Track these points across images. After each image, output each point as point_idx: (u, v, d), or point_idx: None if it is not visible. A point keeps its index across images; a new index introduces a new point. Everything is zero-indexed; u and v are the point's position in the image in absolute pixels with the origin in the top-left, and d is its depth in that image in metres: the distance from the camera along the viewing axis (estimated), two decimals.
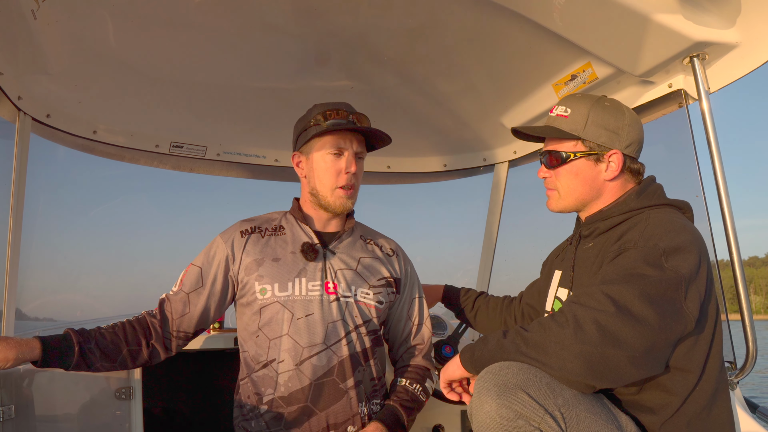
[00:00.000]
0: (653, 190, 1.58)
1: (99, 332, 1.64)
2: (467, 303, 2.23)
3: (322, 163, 1.78)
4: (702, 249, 1.41)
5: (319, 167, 1.79)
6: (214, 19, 1.93)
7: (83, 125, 2.43)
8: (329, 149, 1.77)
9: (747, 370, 1.72)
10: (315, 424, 1.67)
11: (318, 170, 1.79)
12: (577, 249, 1.66)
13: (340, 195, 1.78)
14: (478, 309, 2.20)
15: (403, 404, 1.78)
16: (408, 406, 1.78)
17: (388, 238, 2.01)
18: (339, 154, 1.77)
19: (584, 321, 1.29)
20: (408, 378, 1.85)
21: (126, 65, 2.16)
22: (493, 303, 2.18)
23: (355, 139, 1.80)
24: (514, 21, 1.88)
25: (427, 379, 1.88)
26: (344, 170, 1.77)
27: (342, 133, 1.78)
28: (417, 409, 1.81)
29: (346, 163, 1.77)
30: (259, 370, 1.72)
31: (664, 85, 1.99)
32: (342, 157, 1.77)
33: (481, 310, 2.19)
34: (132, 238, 3.95)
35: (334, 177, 1.77)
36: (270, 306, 1.73)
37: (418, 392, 1.82)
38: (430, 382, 1.89)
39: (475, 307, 2.20)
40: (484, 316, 2.18)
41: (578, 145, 1.60)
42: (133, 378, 1.99)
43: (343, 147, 1.77)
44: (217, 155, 2.78)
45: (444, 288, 2.30)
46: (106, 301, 3.06)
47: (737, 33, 1.73)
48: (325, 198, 1.79)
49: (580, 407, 1.28)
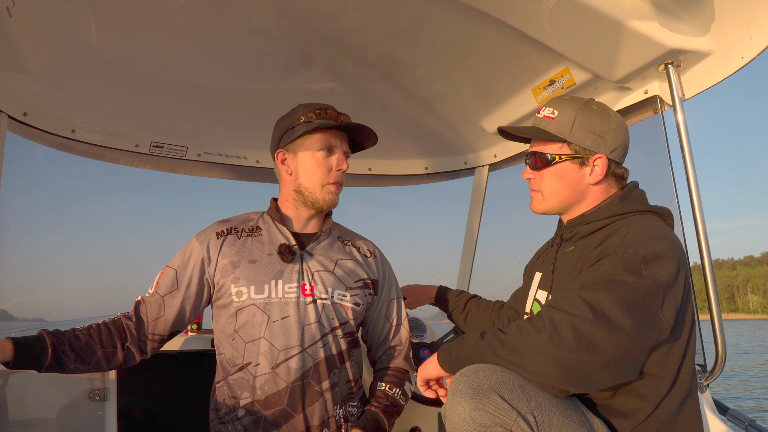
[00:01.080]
0: (636, 196, 1.59)
1: (73, 334, 1.62)
2: (459, 305, 2.24)
3: (312, 161, 1.78)
4: (681, 257, 1.43)
5: (308, 164, 1.79)
6: (198, 19, 1.92)
7: (61, 124, 2.40)
8: (320, 146, 1.78)
9: (716, 373, 1.75)
10: (293, 427, 1.67)
11: (308, 167, 1.79)
12: (557, 252, 1.67)
13: (331, 191, 1.80)
14: (468, 311, 2.21)
15: (384, 409, 1.78)
16: (389, 411, 1.78)
17: (366, 239, 2.00)
18: (330, 152, 1.79)
19: (561, 326, 1.29)
20: (388, 382, 1.85)
21: (106, 63, 2.14)
22: (484, 306, 2.19)
23: (342, 139, 1.83)
24: (494, 26, 1.90)
25: (405, 381, 1.89)
26: (335, 167, 1.79)
27: (333, 132, 1.80)
28: (397, 413, 1.82)
29: (338, 161, 1.79)
30: (235, 373, 1.71)
31: (640, 91, 2.02)
32: (333, 154, 1.79)
33: (472, 312, 2.20)
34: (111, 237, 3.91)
35: (324, 174, 1.78)
36: (246, 308, 1.72)
37: (398, 396, 1.83)
38: (409, 384, 1.90)
39: (466, 309, 2.22)
40: (474, 318, 2.19)
41: (564, 148, 1.61)
42: (107, 379, 1.97)
43: (334, 145, 1.80)
44: (198, 156, 2.76)
45: (438, 289, 2.32)
46: (84, 301, 3.02)
47: (710, 41, 1.76)
48: (314, 194, 1.79)
49: (553, 410, 1.28)
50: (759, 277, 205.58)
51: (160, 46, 2.09)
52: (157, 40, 2.05)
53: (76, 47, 2.04)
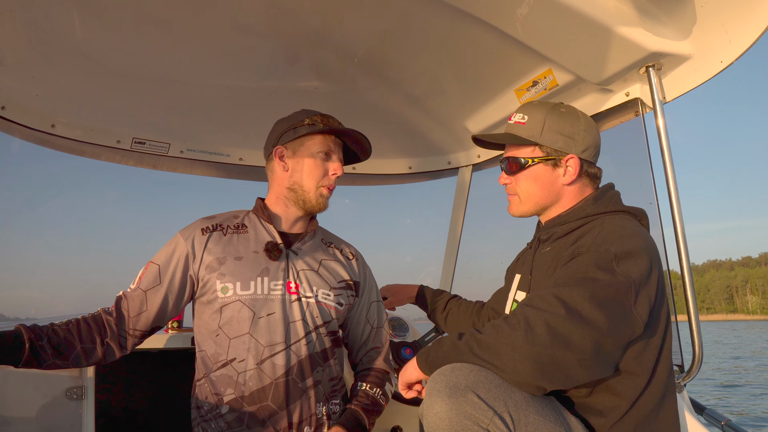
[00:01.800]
0: (610, 197, 1.62)
1: (52, 329, 1.60)
2: (439, 304, 2.26)
3: (311, 160, 1.82)
4: (654, 255, 1.45)
5: (308, 164, 1.82)
6: (183, 15, 1.91)
7: (41, 118, 2.38)
8: (320, 149, 1.82)
9: (693, 372, 1.77)
10: (276, 423, 1.68)
11: (307, 166, 1.82)
12: (535, 253, 1.69)
13: (324, 194, 1.84)
14: (449, 311, 2.22)
15: (365, 408, 1.80)
16: (369, 409, 1.81)
17: (348, 243, 2.04)
18: (328, 156, 1.84)
19: (535, 323, 1.31)
20: (369, 382, 1.87)
21: (88, 58, 2.12)
22: (465, 306, 2.21)
23: (339, 147, 1.88)
24: (479, 27, 1.90)
25: (386, 382, 1.91)
26: (331, 171, 1.83)
27: (333, 139, 1.86)
28: (377, 412, 1.84)
29: (334, 166, 1.84)
30: (218, 370, 1.71)
31: (622, 93, 2.03)
32: (331, 159, 1.84)
33: (452, 312, 2.22)
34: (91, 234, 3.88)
35: (321, 176, 1.83)
36: (231, 305, 1.72)
37: (379, 396, 1.85)
38: (390, 385, 1.92)
39: (446, 309, 2.23)
40: (454, 318, 2.21)
41: (536, 151, 1.64)
42: (85, 377, 1.95)
43: (333, 151, 1.84)
44: (181, 152, 2.74)
45: (419, 288, 2.33)
46: (63, 298, 3.00)
47: (690, 45, 1.78)
48: (308, 193, 1.82)
49: (530, 409, 1.29)
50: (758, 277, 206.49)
51: (144, 42, 2.07)
52: (140, 36, 2.03)
53: (58, 41, 2.01)
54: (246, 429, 1.66)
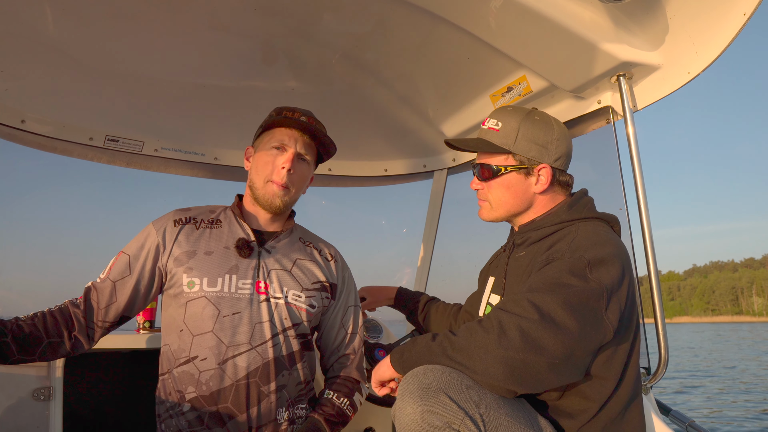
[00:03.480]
0: (584, 204, 1.64)
1: (16, 324, 1.56)
2: (417, 306, 2.26)
3: (263, 156, 1.78)
4: (626, 262, 1.47)
5: (260, 160, 1.78)
6: (160, 12, 1.89)
7: (10, 114, 2.33)
8: (273, 143, 1.77)
9: (659, 375, 1.82)
10: (236, 425, 1.64)
11: (259, 163, 1.79)
12: (510, 257, 1.71)
13: (271, 189, 1.76)
14: (427, 313, 2.23)
15: (328, 419, 1.73)
16: (332, 420, 1.74)
17: (328, 243, 1.99)
18: (282, 150, 1.77)
19: (508, 327, 1.32)
20: (336, 391, 1.81)
21: (60, 53, 2.08)
22: (442, 308, 2.22)
23: (302, 139, 1.79)
24: (455, 32, 1.92)
25: (355, 392, 1.85)
26: (279, 165, 1.75)
27: (291, 132, 1.78)
28: (342, 423, 1.77)
29: (283, 159, 1.75)
30: (180, 366, 1.67)
31: (594, 101, 2.08)
32: (284, 153, 1.76)
33: (430, 314, 2.23)
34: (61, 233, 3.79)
35: (269, 169, 1.76)
36: (196, 300, 1.68)
37: (345, 406, 1.78)
38: (359, 395, 1.86)
39: (424, 310, 2.24)
40: (432, 320, 2.22)
41: (509, 159, 1.65)
42: (53, 377, 1.91)
43: (287, 144, 1.76)
44: (155, 151, 2.71)
45: (397, 290, 2.33)
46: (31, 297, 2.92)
47: (659, 56, 1.83)
48: (258, 190, 1.78)
49: (500, 411, 1.31)
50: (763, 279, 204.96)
51: (119, 38, 2.04)
52: (116, 32, 2.01)
53: (29, 35, 1.97)
54: (206, 429, 1.62)
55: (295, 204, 1.90)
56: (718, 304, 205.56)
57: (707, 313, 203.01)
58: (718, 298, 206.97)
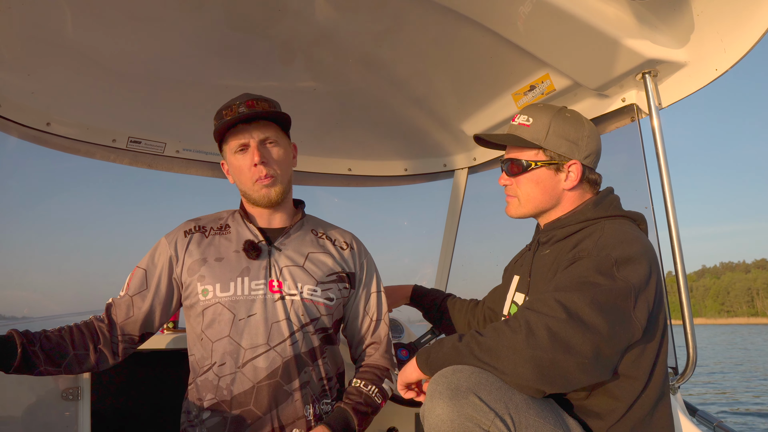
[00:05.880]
0: (610, 201, 1.63)
1: (44, 335, 1.58)
2: (434, 304, 2.25)
3: (233, 162, 1.75)
4: (653, 260, 1.46)
5: (233, 167, 1.76)
6: (179, 14, 1.90)
7: (36, 116, 2.36)
8: (233, 148, 1.73)
9: (687, 375, 1.80)
10: (260, 427, 1.63)
11: (235, 172, 1.77)
12: (534, 255, 1.70)
13: (259, 187, 1.73)
14: (444, 310, 2.22)
15: (356, 407, 1.70)
16: (361, 409, 1.71)
17: (344, 230, 1.94)
18: (244, 150, 1.73)
19: (536, 327, 1.32)
20: (363, 379, 1.78)
21: (84, 56, 2.11)
22: (459, 305, 2.21)
23: (255, 129, 1.72)
24: (477, 30, 1.92)
25: (385, 379, 1.81)
26: (251, 164, 1.71)
27: (238, 129, 1.71)
28: (372, 412, 1.74)
29: (250, 157, 1.71)
30: (203, 374, 1.68)
31: (618, 99, 2.06)
32: (248, 152, 1.72)
33: (447, 311, 2.22)
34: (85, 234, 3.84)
35: (247, 173, 1.73)
36: (212, 307, 1.69)
37: (374, 394, 1.75)
38: (389, 382, 1.82)
39: (441, 308, 2.23)
40: (449, 317, 2.21)
41: (539, 155, 1.64)
42: (81, 378, 1.94)
43: (244, 142, 1.71)
44: (177, 152, 2.73)
45: (413, 288, 2.32)
46: (55, 298, 2.97)
47: (686, 53, 1.81)
48: (251, 196, 1.76)
49: (530, 411, 1.31)
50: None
51: (140, 40, 2.06)
52: (137, 34, 2.03)
53: (54, 39, 2.00)
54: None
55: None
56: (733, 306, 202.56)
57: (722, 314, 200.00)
58: (733, 300, 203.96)
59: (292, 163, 1.84)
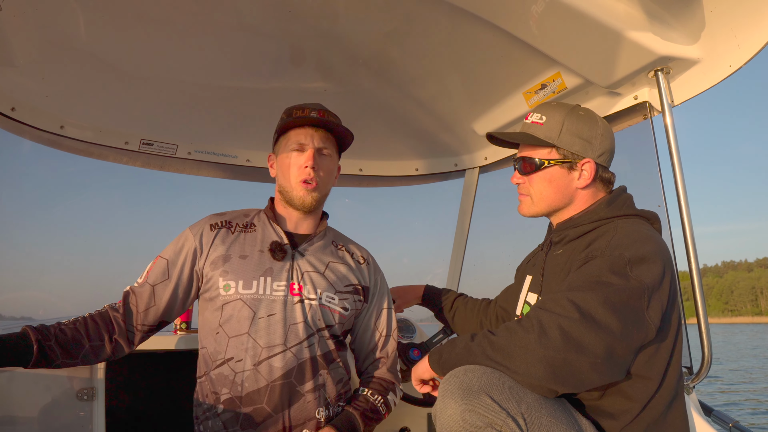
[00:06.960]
0: (623, 200, 1.61)
1: (59, 328, 1.60)
2: (446, 303, 2.25)
3: (286, 160, 1.80)
4: (666, 260, 1.45)
5: (283, 164, 1.81)
6: (190, 16, 1.92)
7: (50, 120, 2.39)
8: (292, 146, 1.79)
9: (702, 375, 1.78)
10: (271, 426, 1.65)
11: (282, 167, 1.81)
12: (547, 255, 1.69)
13: (301, 188, 1.77)
14: (456, 310, 2.22)
15: (363, 413, 1.74)
16: (367, 415, 1.74)
17: (361, 246, 2.00)
18: (301, 150, 1.78)
19: (549, 326, 1.31)
20: (371, 389, 1.82)
21: (96, 59, 2.13)
22: (471, 304, 2.21)
23: (317, 135, 1.80)
24: (486, 28, 1.91)
25: (390, 392, 1.85)
26: (302, 165, 1.77)
27: (303, 129, 1.80)
28: (376, 420, 1.77)
29: (304, 157, 1.77)
30: (217, 368, 1.69)
31: (630, 96, 2.04)
32: (304, 153, 1.78)
33: (459, 310, 2.21)
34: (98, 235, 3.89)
35: (295, 172, 1.78)
36: (232, 303, 1.71)
37: (379, 404, 1.79)
38: (393, 396, 1.86)
39: (453, 307, 2.23)
40: (461, 316, 2.20)
41: (552, 153, 1.63)
42: (95, 378, 1.96)
43: (304, 143, 1.78)
44: (188, 154, 2.75)
45: (424, 288, 2.32)
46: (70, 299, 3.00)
47: (699, 50, 1.79)
48: (290, 193, 1.80)
49: (542, 411, 1.30)
50: None
51: (152, 43, 2.08)
52: (148, 37, 2.04)
53: (67, 42, 2.02)
54: (241, 429, 1.64)
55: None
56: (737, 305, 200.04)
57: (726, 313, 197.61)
58: (737, 299, 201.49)
59: (333, 181, 1.90)
